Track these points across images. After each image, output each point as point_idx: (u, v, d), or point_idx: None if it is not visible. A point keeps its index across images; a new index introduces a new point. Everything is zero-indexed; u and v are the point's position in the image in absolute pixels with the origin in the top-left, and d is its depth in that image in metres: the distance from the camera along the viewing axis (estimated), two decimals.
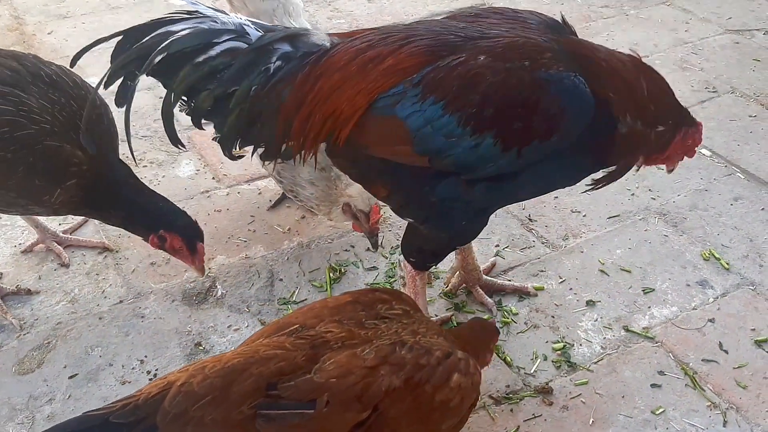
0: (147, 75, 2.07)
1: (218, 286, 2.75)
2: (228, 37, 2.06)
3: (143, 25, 2.12)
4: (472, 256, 2.64)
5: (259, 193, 3.21)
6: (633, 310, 2.64)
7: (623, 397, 2.34)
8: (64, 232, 2.95)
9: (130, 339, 2.56)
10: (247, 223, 3.05)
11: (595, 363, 2.45)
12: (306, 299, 2.69)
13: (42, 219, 2.88)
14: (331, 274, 2.78)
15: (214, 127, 2.16)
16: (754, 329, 2.56)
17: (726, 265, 2.81)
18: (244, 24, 2.09)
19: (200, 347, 2.52)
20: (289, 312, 2.61)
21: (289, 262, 2.86)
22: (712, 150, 3.41)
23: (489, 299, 2.66)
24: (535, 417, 2.29)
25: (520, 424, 2.27)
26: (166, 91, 2.10)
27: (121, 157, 2.54)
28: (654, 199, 3.14)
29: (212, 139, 2.26)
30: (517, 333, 2.57)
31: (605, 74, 1.99)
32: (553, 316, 2.62)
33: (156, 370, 2.45)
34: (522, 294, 2.70)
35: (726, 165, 3.33)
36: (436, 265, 2.50)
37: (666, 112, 2.08)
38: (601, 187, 2.20)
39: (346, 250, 2.90)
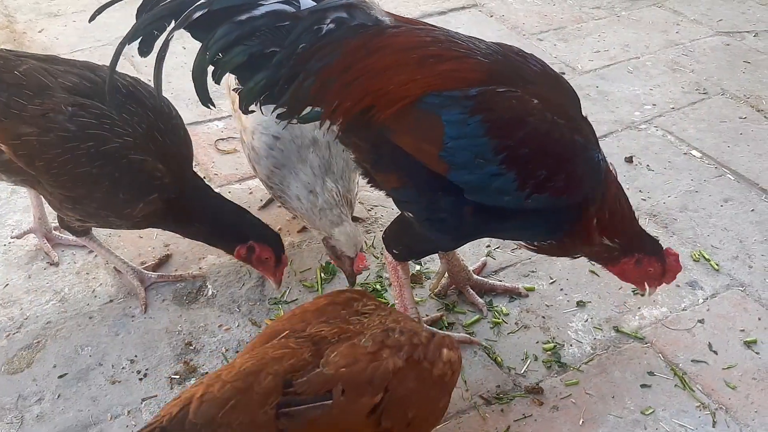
0: (184, 29, 2.04)
1: (209, 286, 2.74)
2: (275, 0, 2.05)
3: None
4: (456, 258, 2.65)
5: (250, 193, 3.20)
6: (623, 311, 2.64)
7: (613, 397, 2.35)
8: (56, 229, 2.92)
9: (120, 338, 2.55)
10: None
11: (586, 363, 2.45)
12: (297, 299, 2.69)
13: (46, 212, 2.86)
14: (322, 275, 2.78)
15: (239, 80, 2.14)
16: (743, 330, 2.57)
17: (716, 266, 2.82)
18: None
19: (191, 347, 2.51)
20: (280, 313, 2.62)
21: None
22: (702, 151, 3.42)
23: (480, 299, 2.66)
24: (526, 417, 2.29)
25: (511, 424, 2.27)
26: (200, 46, 2.07)
27: None
28: (644, 200, 3.15)
29: (233, 90, 2.24)
30: (508, 333, 2.57)
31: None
32: (543, 317, 2.63)
33: (146, 369, 2.44)
34: (513, 294, 2.71)
35: (716, 166, 3.35)
36: (416, 260, 2.49)
37: (622, 234, 2.24)
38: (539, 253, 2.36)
39: None
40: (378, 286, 2.73)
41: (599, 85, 3.91)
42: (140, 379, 2.41)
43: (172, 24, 2.06)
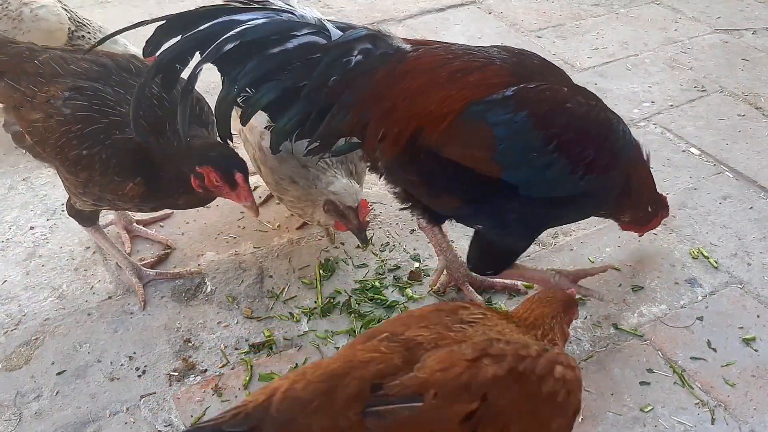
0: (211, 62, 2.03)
1: (207, 283, 2.74)
2: (307, 31, 2.05)
3: (192, 13, 2.06)
4: (454, 254, 2.65)
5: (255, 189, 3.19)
6: (622, 308, 2.64)
7: (612, 394, 2.35)
8: (137, 222, 2.94)
9: (119, 335, 2.54)
10: (237, 219, 3.04)
11: (585, 360, 2.45)
12: (295, 296, 2.69)
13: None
14: (321, 271, 2.77)
15: (271, 118, 2.13)
16: (742, 327, 2.57)
17: (714, 264, 2.82)
18: (322, 19, 2.09)
19: (189, 343, 2.51)
20: (278, 310, 2.61)
21: (279, 258, 2.85)
22: (701, 149, 3.43)
23: (479, 296, 2.66)
24: None
25: None
26: (226, 81, 2.05)
27: None
28: None
29: (264, 128, 2.23)
30: None
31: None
32: None
33: (145, 366, 2.43)
34: (512, 292, 2.70)
35: (715, 164, 3.35)
36: (500, 272, 2.50)
37: (655, 197, 2.59)
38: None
39: (336, 247, 2.89)
40: (377, 283, 2.72)
41: (597, 83, 3.91)
42: (139, 376, 2.41)
43: (198, 57, 2.03)
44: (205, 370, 2.42)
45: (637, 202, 2.48)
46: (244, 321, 2.59)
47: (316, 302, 2.66)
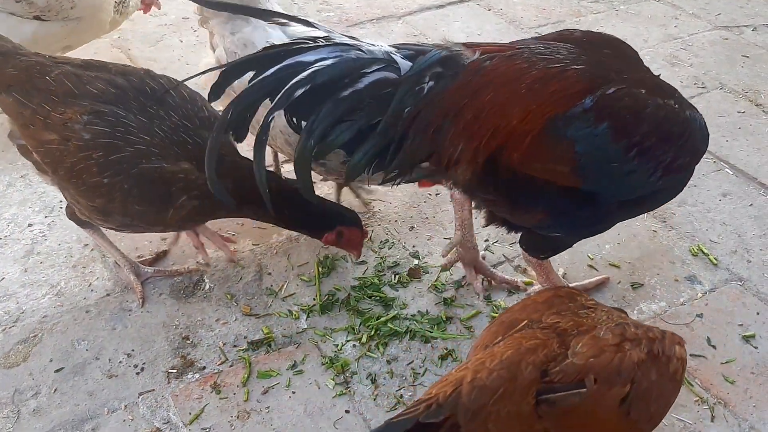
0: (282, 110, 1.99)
1: (206, 280, 2.73)
2: (377, 67, 2.00)
3: (258, 57, 2.03)
4: (472, 233, 2.64)
5: None
6: (621, 305, 2.64)
7: None
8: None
9: (117, 332, 2.54)
10: None
11: None
12: (294, 293, 2.68)
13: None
14: (320, 268, 2.77)
15: (347, 154, 2.09)
16: (741, 325, 2.56)
17: (714, 261, 2.82)
18: (391, 53, 2.04)
19: (188, 341, 2.50)
20: (276, 307, 2.60)
21: (278, 255, 2.84)
22: None
23: (480, 285, 2.66)
24: None
25: None
26: (302, 131, 2.00)
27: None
28: None
29: (341, 163, 2.21)
30: None
31: None
32: None
33: (143, 363, 2.43)
34: (511, 288, 2.70)
35: (715, 161, 3.34)
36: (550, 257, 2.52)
37: None
38: None
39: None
40: (376, 280, 2.72)
41: None
42: (137, 373, 2.40)
43: (268, 103, 1.99)
44: (204, 368, 2.42)
45: None
46: (243, 318, 2.59)
47: (315, 299, 2.65)
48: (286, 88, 1.93)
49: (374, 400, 2.33)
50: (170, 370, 2.41)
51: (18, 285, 2.71)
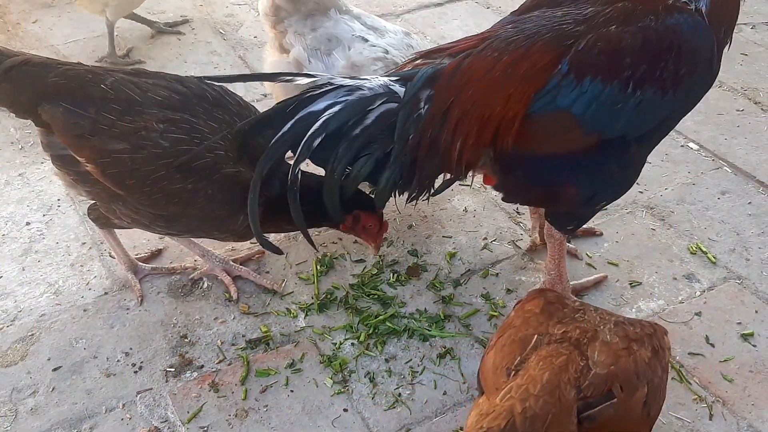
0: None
1: (204, 278, 2.73)
2: (380, 102, 2.10)
3: (273, 113, 2.13)
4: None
5: None
6: (620, 303, 2.64)
7: None
8: (234, 261, 2.78)
9: (115, 331, 2.53)
10: None
11: None
12: (292, 292, 2.68)
13: (209, 246, 2.76)
14: (319, 267, 2.76)
15: (371, 184, 2.22)
16: (740, 323, 2.56)
17: (713, 259, 2.81)
18: (389, 84, 2.13)
19: (186, 339, 2.50)
20: (272, 304, 2.60)
21: (276, 254, 2.84)
22: (699, 144, 3.41)
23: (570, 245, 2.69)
24: None
25: None
26: (325, 172, 2.13)
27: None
28: (641, 192, 3.14)
29: (369, 193, 2.32)
30: None
31: None
32: None
33: (141, 362, 2.43)
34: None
35: (713, 159, 3.34)
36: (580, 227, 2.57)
37: None
38: None
39: (333, 243, 2.88)
40: (375, 279, 2.72)
41: None
42: (135, 372, 2.40)
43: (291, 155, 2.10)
44: (202, 366, 2.42)
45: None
46: (241, 317, 2.58)
47: (313, 298, 2.65)
48: (304, 140, 2.06)
49: (372, 398, 2.33)
50: (168, 369, 2.41)
51: (16, 283, 2.71)
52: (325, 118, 2.06)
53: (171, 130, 2.22)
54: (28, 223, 2.96)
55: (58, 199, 3.06)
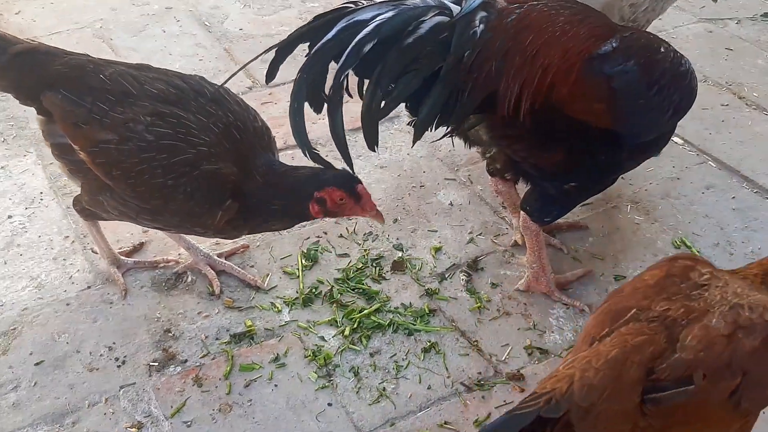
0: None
1: (188, 272, 2.71)
2: (433, 14, 2.08)
3: (309, 28, 2.06)
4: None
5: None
6: (604, 298, 2.64)
7: None
8: (219, 255, 2.76)
9: (98, 325, 2.52)
10: None
11: (567, 350, 2.45)
12: (276, 285, 2.67)
13: (194, 241, 2.72)
14: (303, 261, 2.75)
15: (410, 111, 2.17)
16: None
17: (697, 253, 2.82)
18: None
19: (169, 333, 2.49)
20: (269, 301, 2.59)
21: (261, 248, 2.83)
22: (684, 138, 3.42)
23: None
24: (507, 404, 2.29)
25: (492, 411, 2.27)
26: (369, 84, 2.05)
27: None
28: (626, 187, 3.14)
29: (407, 124, 2.23)
30: (489, 320, 2.56)
31: None
32: (525, 304, 2.62)
33: (124, 357, 2.41)
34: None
35: (698, 153, 3.35)
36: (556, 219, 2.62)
37: None
38: None
39: (318, 237, 2.87)
40: (359, 273, 2.71)
41: None
42: (118, 367, 2.39)
43: (334, 65, 2.03)
44: (186, 361, 2.41)
45: None
46: (225, 311, 2.57)
47: (297, 292, 2.64)
48: (352, 45, 1.98)
49: (357, 393, 2.32)
50: (152, 363, 2.39)
51: None
52: (377, 22, 1.99)
53: (158, 124, 2.20)
54: (10, 217, 2.94)
55: (41, 192, 3.03)
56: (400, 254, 2.81)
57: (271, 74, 2.13)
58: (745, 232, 2.93)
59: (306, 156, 2.23)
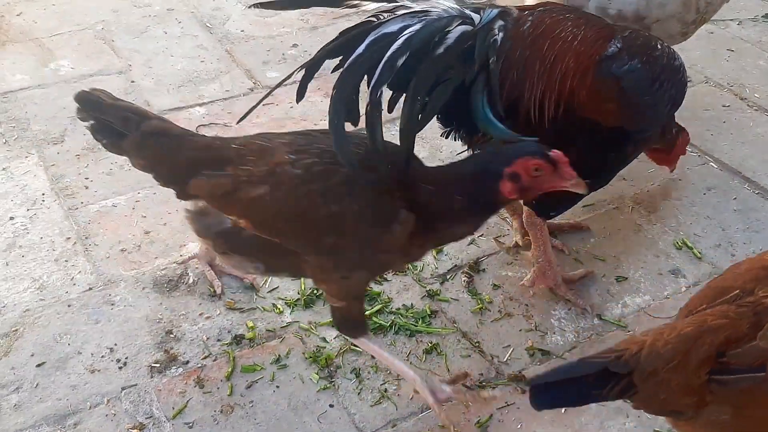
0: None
1: (190, 273, 2.71)
2: (457, 24, 2.12)
3: (339, 43, 2.03)
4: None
5: None
6: (606, 299, 2.64)
7: None
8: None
9: (100, 327, 2.52)
10: None
11: (569, 351, 2.45)
12: (278, 287, 2.67)
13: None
14: None
15: (442, 123, 2.23)
16: None
17: (698, 254, 2.82)
18: (461, 8, 2.18)
19: (171, 335, 2.49)
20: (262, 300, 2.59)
21: None
22: None
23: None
24: (509, 405, 2.29)
25: (494, 411, 2.27)
26: (406, 97, 2.03)
27: None
28: (627, 188, 3.14)
29: (441, 136, 2.29)
30: (491, 321, 2.56)
31: None
32: (526, 305, 2.62)
33: (126, 358, 2.41)
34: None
35: (699, 155, 3.35)
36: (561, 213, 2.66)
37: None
38: None
39: None
40: None
41: None
42: (120, 368, 2.39)
43: (366, 80, 2.02)
44: (187, 362, 2.41)
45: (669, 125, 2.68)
46: (227, 312, 2.57)
47: (299, 293, 2.64)
48: (385, 59, 1.96)
49: (358, 394, 2.32)
50: (153, 365, 2.39)
51: None
52: (407, 35, 1.99)
53: (302, 158, 2.08)
54: (11, 218, 2.94)
55: (43, 194, 3.03)
56: None
57: (301, 93, 2.08)
58: (746, 233, 2.93)
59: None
